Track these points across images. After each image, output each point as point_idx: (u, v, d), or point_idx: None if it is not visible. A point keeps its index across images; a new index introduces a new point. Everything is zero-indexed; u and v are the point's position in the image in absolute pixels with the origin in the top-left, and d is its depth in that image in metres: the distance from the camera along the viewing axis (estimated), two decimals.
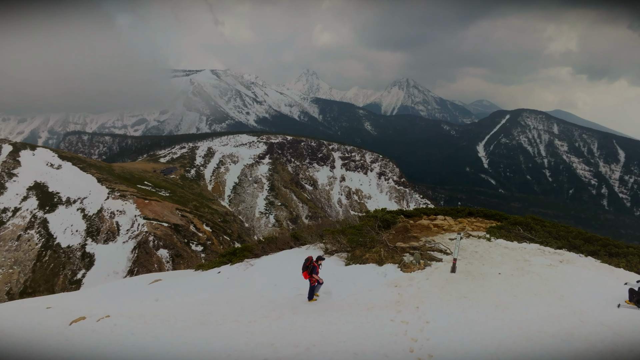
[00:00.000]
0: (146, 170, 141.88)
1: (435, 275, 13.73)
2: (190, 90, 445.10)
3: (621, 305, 11.29)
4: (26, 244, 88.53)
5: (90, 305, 16.05)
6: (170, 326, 11.21)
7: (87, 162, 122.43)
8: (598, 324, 10.07)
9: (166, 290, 18.30)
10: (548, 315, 10.66)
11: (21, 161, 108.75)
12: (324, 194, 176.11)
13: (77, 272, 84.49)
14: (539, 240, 16.66)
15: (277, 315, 11.93)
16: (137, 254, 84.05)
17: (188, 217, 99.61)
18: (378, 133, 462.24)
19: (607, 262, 15.07)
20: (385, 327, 10.54)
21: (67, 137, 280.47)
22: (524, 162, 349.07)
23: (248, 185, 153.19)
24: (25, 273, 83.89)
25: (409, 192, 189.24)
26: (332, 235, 18.52)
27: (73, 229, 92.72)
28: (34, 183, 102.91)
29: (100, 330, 11.12)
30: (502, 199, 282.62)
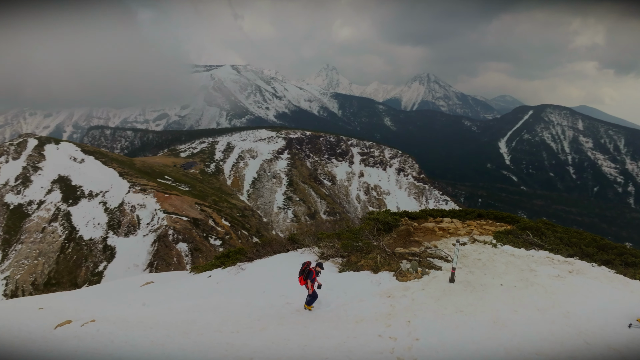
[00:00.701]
0: (166, 165, 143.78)
1: (432, 285, 13.01)
2: (211, 85, 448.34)
3: (633, 324, 10.15)
4: (50, 236, 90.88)
5: (80, 307, 16.02)
6: (152, 334, 11.04)
7: (109, 156, 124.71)
8: (605, 346, 9.24)
9: (155, 294, 18.07)
10: (550, 334, 9.86)
11: (46, 155, 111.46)
12: (342, 189, 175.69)
13: (99, 264, 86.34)
14: (549, 247, 15.82)
15: (261, 326, 11.53)
16: (157, 247, 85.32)
17: (207, 212, 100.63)
18: (398, 129, 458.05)
19: (622, 273, 13.96)
20: (372, 343, 10.00)
21: (90, 132, 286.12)
22: (547, 158, 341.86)
23: (267, 180, 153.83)
24: (49, 264, 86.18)
25: (428, 188, 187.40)
26: (326, 240, 17.93)
27: (95, 221, 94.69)
28: (58, 176, 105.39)
29: (83, 336, 11.11)
30: (524, 196, 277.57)
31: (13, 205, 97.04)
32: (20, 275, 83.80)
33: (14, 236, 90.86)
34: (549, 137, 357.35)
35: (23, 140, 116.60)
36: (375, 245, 16.17)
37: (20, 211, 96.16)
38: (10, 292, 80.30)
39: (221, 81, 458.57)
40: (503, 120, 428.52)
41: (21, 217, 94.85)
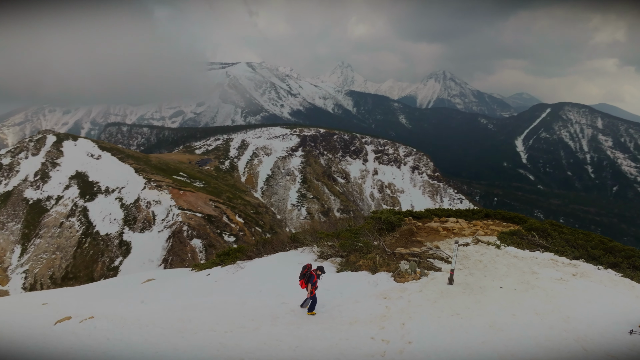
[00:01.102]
0: (182, 162, 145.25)
1: (430, 287, 12.81)
2: (226, 82, 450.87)
3: (634, 331, 9.88)
4: (68, 231, 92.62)
5: (82, 303, 16.21)
6: (147, 333, 11.12)
7: (126, 153, 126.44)
8: (603, 353, 9.09)
9: (155, 292, 18.16)
10: (547, 340, 9.62)
11: (64, 151, 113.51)
12: (356, 187, 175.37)
13: (115, 259, 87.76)
14: (554, 249, 15.54)
15: (254, 326, 11.45)
16: (171, 243, 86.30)
17: (221, 208, 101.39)
18: (413, 126, 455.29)
19: (629, 277, 13.64)
20: (364, 346, 9.89)
21: (107, 128, 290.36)
22: (564, 157, 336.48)
23: (281, 177, 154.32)
24: (67, 259, 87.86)
25: (443, 186, 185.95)
26: (326, 239, 17.81)
27: (111, 217, 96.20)
28: (75, 172, 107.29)
29: (80, 332, 11.24)
30: (540, 195, 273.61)
31: (32, 201, 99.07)
32: (38, 269, 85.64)
33: (33, 231, 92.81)
34: (566, 136, 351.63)
35: (42, 137, 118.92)
36: (375, 245, 15.99)
37: (39, 206, 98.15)
38: (29, 285, 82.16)
39: (236, 78, 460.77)
40: (520, 118, 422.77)
41: (40, 212, 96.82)
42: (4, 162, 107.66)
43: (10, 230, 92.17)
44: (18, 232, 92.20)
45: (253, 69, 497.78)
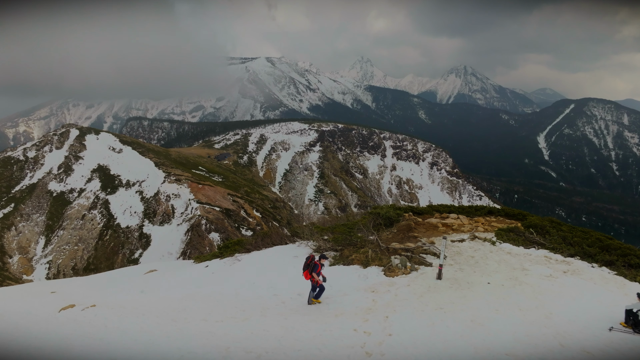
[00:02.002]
0: (201, 156, 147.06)
1: (418, 281, 13.01)
2: (246, 77, 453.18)
3: (614, 328, 10.13)
4: (90, 223, 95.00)
5: (87, 292, 17.08)
6: (143, 321, 11.65)
7: (146, 147, 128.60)
8: (579, 349, 9.20)
9: (154, 283, 18.82)
10: (526, 335, 9.88)
11: (87, 145, 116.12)
12: (373, 183, 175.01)
13: (135, 251, 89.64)
14: (550, 246, 15.57)
15: (244, 317, 11.81)
16: (190, 236, 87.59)
17: (239, 202, 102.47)
18: (432, 122, 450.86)
19: (623, 274, 13.62)
20: (346, 337, 10.14)
21: (129, 123, 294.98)
22: (588, 154, 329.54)
23: (298, 172, 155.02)
24: (89, 250, 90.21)
25: (462, 183, 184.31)
26: (321, 233, 18.16)
27: (132, 210, 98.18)
28: (97, 166, 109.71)
29: (81, 320, 11.85)
30: (563, 192, 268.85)
31: (56, 193, 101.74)
32: (61, 260, 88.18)
33: (57, 222, 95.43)
34: (591, 132, 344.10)
35: (66, 131, 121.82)
36: (371, 239, 16.32)
37: (62, 199, 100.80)
38: (52, 275, 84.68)
39: (256, 73, 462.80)
40: (543, 114, 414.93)
41: (63, 205, 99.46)
42: (30, 155, 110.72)
43: (35, 221, 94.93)
44: (42, 224, 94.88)
45: (272, 63, 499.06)
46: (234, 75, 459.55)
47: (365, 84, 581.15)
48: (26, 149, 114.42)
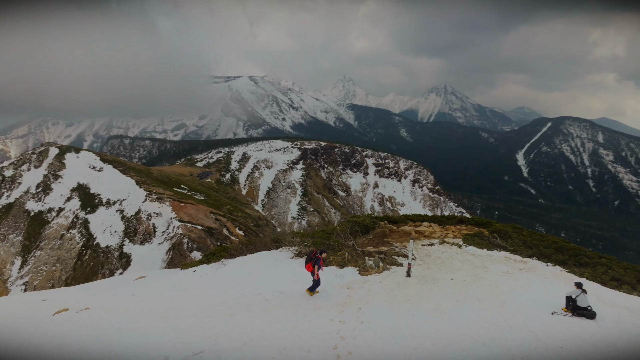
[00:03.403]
0: (183, 174, 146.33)
1: (389, 279, 14.21)
2: (229, 96, 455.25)
3: (556, 312, 11.75)
4: (68, 243, 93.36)
5: (79, 298, 17.55)
6: (136, 319, 12.35)
7: (127, 165, 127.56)
8: (525, 330, 10.59)
9: (145, 287, 19.54)
10: (481, 320, 11.14)
11: (66, 163, 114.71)
12: (356, 200, 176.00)
13: (115, 271, 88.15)
14: (511, 249, 16.83)
15: (231, 313, 12.69)
16: (171, 255, 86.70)
17: (222, 221, 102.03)
18: (414, 140, 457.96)
19: (573, 272, 15.11)
20: (323, 326, 11.29)
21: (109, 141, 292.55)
22: (565, 171, 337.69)
23: (281, 190, 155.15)
24: (67, 271, 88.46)
25: (443, 200, 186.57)
26: (301, 238, 19.09)
27: (112, 229, 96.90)
28: (77, 185, 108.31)
29: (76, 320, 12.44)
30: (542, 209, 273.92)
31: (33, 212, 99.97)
32: (38, 281, 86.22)
33: (34, 242, 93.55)
34: (568, 150, 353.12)
35: (45, 149, 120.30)
36: (348, 244, 17.26)
37: (40, 218, 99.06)
38: None
39: (239, 92, 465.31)
40: (521, 132, 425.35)
41: (41, 224, 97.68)
42: (7, 174, 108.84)
43: (11, 242, 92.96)
44: (19, 244, 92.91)
45: (255, 82, 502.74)
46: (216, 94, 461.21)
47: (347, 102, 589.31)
48: (3, 167, 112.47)
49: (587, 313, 11.48)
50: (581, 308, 11.54)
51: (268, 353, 9.80)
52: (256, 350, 9.99)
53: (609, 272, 14.78)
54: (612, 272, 14.70)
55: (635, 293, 13.96)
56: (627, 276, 14.52)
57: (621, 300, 12.94)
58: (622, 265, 15.46)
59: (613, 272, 14.74)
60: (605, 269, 14.81)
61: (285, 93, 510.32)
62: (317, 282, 13.73)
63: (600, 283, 14.41)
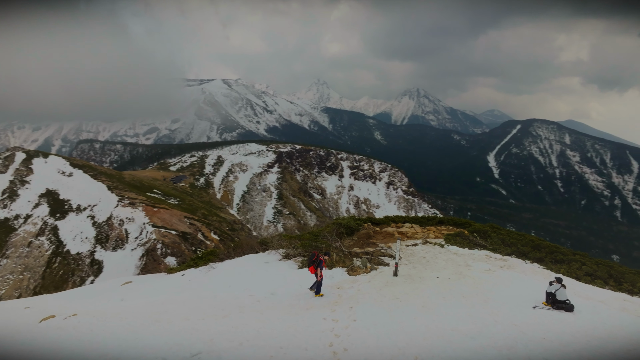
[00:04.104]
0: (156, 179, 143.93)
1: (377, 278, 14.58)
2: (202, 99, 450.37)
3: (537, 306, 12.35)
4: (37, 251, 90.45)
5: (64, 305, 17.24)
6: (127, 323, 12.27)
7: (98, 170, 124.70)
8: (509, 323, 11.14)
9: (133, 291, 19.37)
10: (467, 315, 11.66)
11: (34, 169, 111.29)
12: (332, 203, 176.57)
13: (86, 278, 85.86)
14: (491, 247, 17.54)
15: (224, 314, 12.80)
16: (145, 261, 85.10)
17: (196, 225, 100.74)
18: (388, 142, 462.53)
19: (550, 268, 15.82)
20: (317, 324, 11.57)
21: (79, 145, 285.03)
22: (535, 172, 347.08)
23: (257, 194, 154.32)
24: (35, 279, 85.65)
25: (417, 201, 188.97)
26: (289, 241, 19.25)
27: (83, 236, 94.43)
28: (45, 190, 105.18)
29: (65, 327, 12.21)
30: (512, 209, 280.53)
31: None
32: (4, 291, 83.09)
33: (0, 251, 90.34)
34: (536, 151, 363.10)
35: (11, 154, 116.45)
36: (335, 245, 17.49)
37: (7, 225, 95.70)
38: None
39: (212, 95, 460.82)
40: (492, 135, 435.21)
41: (7, 232, 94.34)
42: None
43: None
44: None
45: (229, 85, 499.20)
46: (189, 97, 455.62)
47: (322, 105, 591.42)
48: None
49: (566, 306, 12.04)
50: (560, 302, 12.10)
51: (266, 352, 9.96)
52: (254, 349, 10.12)
53: (583, 267, 15.57)
54: (586, 268, 15.49)
55: (607, 287, 14.73)
56: (599, 271, 15.33)
57: (595, 294, 13.67)
58: (595, 261, 16.37)
59: (587, 267, 15.53)
60: (580, 264, 15.59)
61: (259, 96, 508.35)
62: (321, 282, 13.97)
63: (575, 278, 15.11)
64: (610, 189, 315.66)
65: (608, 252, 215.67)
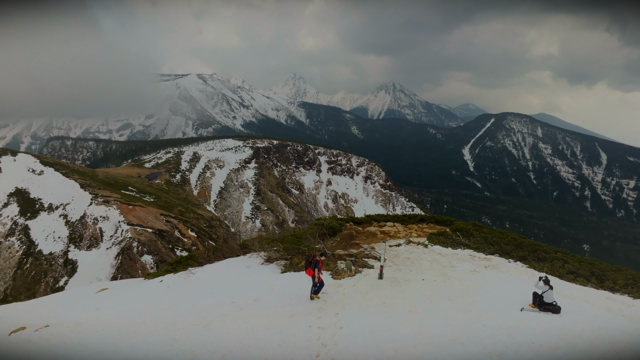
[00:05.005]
0: (130, 176, 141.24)
1: (362, 281, 14.39)
2: (177, 94, 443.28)
3: (524, 308, 12.31)
4: (6, 252, 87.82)
5: (35, 315, 16.28)
6: (104, 335, 11.68)
7: (70, 168, 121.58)
8: (498, 327, 11.02)
9: (109, 299, 18.61)
10: (455, 319, 11.50)
11: (1, 167, 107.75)
12: (310, 198, 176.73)
13: (60, 279, 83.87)
14: (474, 247, 17.58)
15: (205, 323, 12.33)
16: (120, 260, 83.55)
17: (173, 223, 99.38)
18: (365, 137, 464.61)
19: (533, 267, 15.94)
20: (302, 333, 11.22)
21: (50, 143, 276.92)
22: (509, 165, 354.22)
23: (234, 189, 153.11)
24: (6, 281, 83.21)
25: (394, 195, 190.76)
26: (271, 244, 18.94)
27: (55, 235, 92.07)
28: (15, 189, 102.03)
29: (36, 340, 11.51)
30: (487, 201, 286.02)
31: None
32: None
33: None
34: (510, 144, 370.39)
35: None
36: (317, 247, 17.24)
37: None
38: None
39: (187, 90, 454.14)
40: (466, 128, 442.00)
41: None
42: None
43: None
44: None
45: (204, 80, 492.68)
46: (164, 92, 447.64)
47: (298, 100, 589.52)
48: None
49: (553, 308, 12.06)
50: (547, 304, 12.11)
51: None
52: None
53: (565, 265, 15.70)
54: (569, 266, 15.62)
55: (589, 284, 14.91)
56: (582, 269, 15.47)
57: (579, 293, 13.77)
58: (577, 258, 16.51)
59: (569, 265, 15.66)
60: (562, 262, 15.74)
61: (235, 91, 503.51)
62: (321, 284, 13.73)
63: (558, 277, 15.25)
64: (581, 181, 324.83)
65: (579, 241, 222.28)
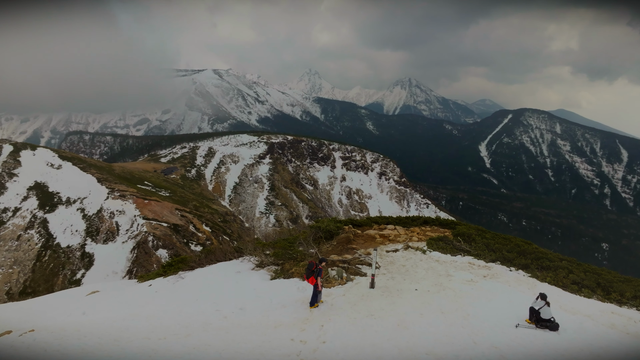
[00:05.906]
0: (146, 170, 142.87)
1: (353, 291, 13.87)
2: (193, 90, 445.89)
3: (520, 324, 11.76)
4: (26, 244, 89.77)
5: (25, 317, 16.42)
6: (85, 343, 11.49)
7: (88, 162, 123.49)
8: (489, 345, 10.40)
9: (97, 304, 18.47)
10: (445, 335, 10.94)
11: (22, 161, 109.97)
12: (324, 193, 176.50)
13: (77, 272, 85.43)
14: (475, 253, 16.97)
15: (187, 333, 12.02)
16: (136, 254, 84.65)
17: (187, 217, 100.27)
18: (380, 133, 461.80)
19: (535, 276, 15.22)
20: (283, 347, 10.76)
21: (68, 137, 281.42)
22: (526, 161, 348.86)
23: (248, 185, 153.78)
24: (25, 273, 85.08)
25: (409, 192, 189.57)
26: (262, 248, 18.60)
27: (73, 228, 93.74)
28: (34, 183, 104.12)
29: (18, 346, 11.40)
30: (504, 198, 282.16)
31: None
32: None
33: None
34: (527, 141, 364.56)
35: None
36: (311, 253, 16.96)
37: None
38: None
39: (203, 86, 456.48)
40: (483, 124, 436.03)
41: None
42: None
43: None
44: None
45: (220, 76, 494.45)
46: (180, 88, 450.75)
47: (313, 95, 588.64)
48: None
49: (550, 325, 11.60)
50: (544, 320, 11.65)
51: None
52: None
53: (570, 275, 15.09)
54: (573, 276, 15.01)
55: (594, 296, 14.25)
56: (587, 280, 14.87)
57: (582, 307, 13.14)
58: (583, 268, 15.83)
59: (574, 275, 15.06)
60: (567, 272, 15.14)
61: (250, 86, 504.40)
62: (319, 292, 13.37)
63: (561, 287, 14.63)
64: (600, 178, 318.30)
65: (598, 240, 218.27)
